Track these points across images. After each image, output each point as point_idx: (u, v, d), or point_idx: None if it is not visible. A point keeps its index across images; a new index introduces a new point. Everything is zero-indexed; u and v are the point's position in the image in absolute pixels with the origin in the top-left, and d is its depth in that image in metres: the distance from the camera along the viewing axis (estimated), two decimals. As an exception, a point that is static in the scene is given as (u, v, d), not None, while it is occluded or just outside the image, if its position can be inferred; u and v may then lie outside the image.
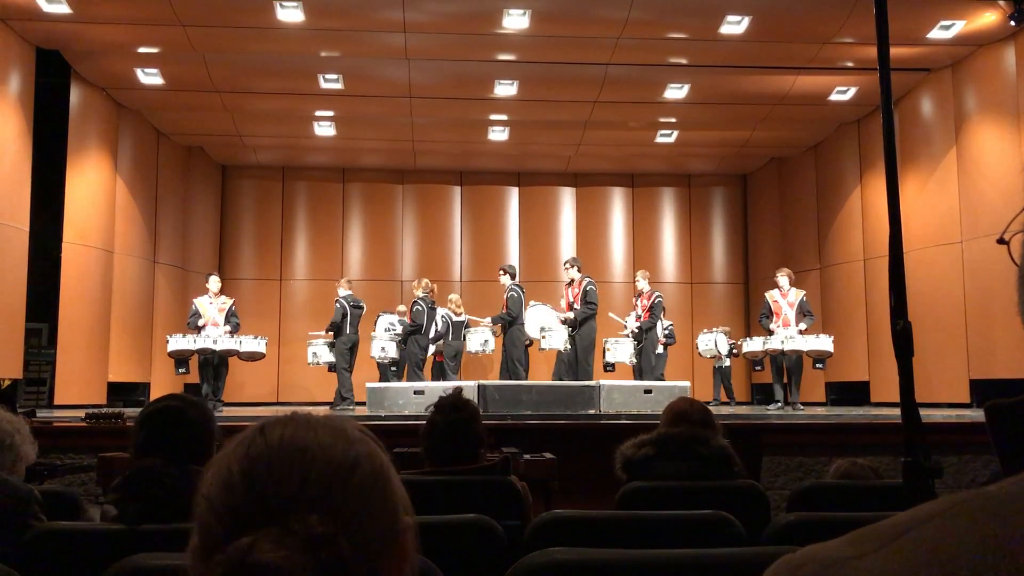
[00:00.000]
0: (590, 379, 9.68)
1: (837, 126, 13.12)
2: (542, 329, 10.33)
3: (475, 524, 2.07)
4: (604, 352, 10.60)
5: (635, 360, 10.49)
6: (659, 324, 11.14)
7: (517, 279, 10.63)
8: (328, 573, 0.68)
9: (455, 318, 11.26)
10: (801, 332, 10.01)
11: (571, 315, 10.08)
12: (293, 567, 0.67)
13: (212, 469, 0.75)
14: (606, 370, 10.72)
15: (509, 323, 10.29)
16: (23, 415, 2.93)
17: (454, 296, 11.74)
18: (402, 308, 12.03)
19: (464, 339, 10.94)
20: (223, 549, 0.69)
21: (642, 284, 10.98)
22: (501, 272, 10.62)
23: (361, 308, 10.82)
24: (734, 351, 12.66)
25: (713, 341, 12.88)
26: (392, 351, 10.92)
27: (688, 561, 1.47)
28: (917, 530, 0.50)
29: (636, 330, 10.67)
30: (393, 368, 11.11)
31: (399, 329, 10.96)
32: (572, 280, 10.31)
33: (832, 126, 13.16)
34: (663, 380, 10.29)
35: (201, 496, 0.74)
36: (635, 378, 10.32)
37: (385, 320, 11.30)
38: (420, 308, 10.64)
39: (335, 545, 0.69)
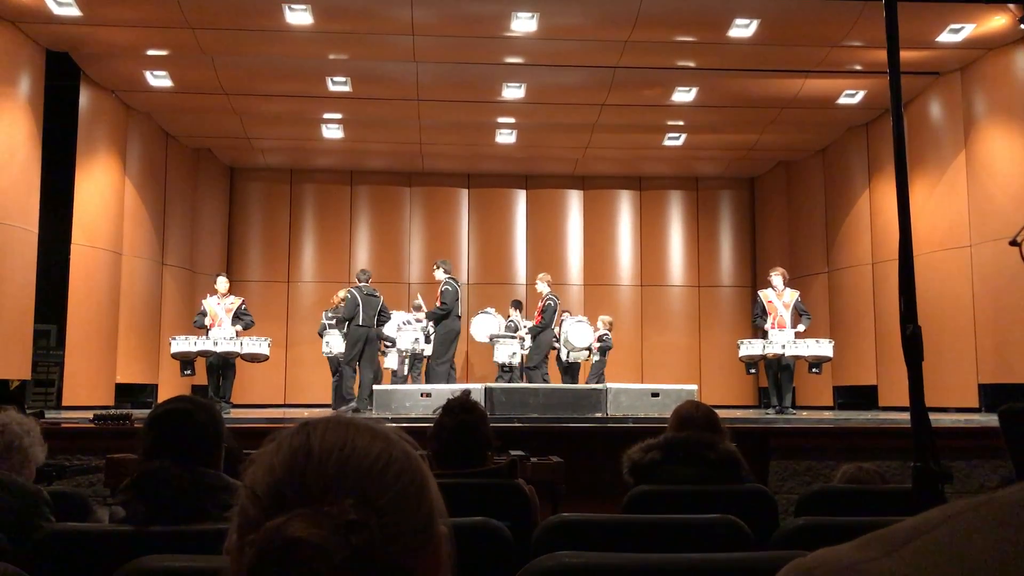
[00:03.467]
0: (443, 381, 9.90)
1: (845, 129, 13.09)
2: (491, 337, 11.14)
3: (482, 527, 2.07)
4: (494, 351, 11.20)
5: (514, 360, 10.98)
6: (580, 327, 11.39)
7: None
8: (358, 559, 0.69)
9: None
10: (799, 334, 9.99)
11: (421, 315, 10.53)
12: (324, 546, 0.68)
13: (255, 462, 0.77)
14: (503, 371, 11.17)
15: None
16: (32, 416, 2.94)
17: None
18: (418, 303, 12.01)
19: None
20: (258, 530, 0.70)
21: (540, 287, 11.25)
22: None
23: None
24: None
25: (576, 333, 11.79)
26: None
27: (698, 565, 1.47)
28: (930, 534, 0.50)
29: (524, 334, 11.18)
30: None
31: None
32: (439, 281, 10.59)
33: (840, 129, 13.13)
34: (601, 383, 10.36)
35: (242, 486, 0.76)
36: (520, 379, 10.76)
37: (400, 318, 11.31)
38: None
39: (367, 532, 0.70)
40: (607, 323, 12.06)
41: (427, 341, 10.78)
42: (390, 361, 11.20)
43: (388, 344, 10.99)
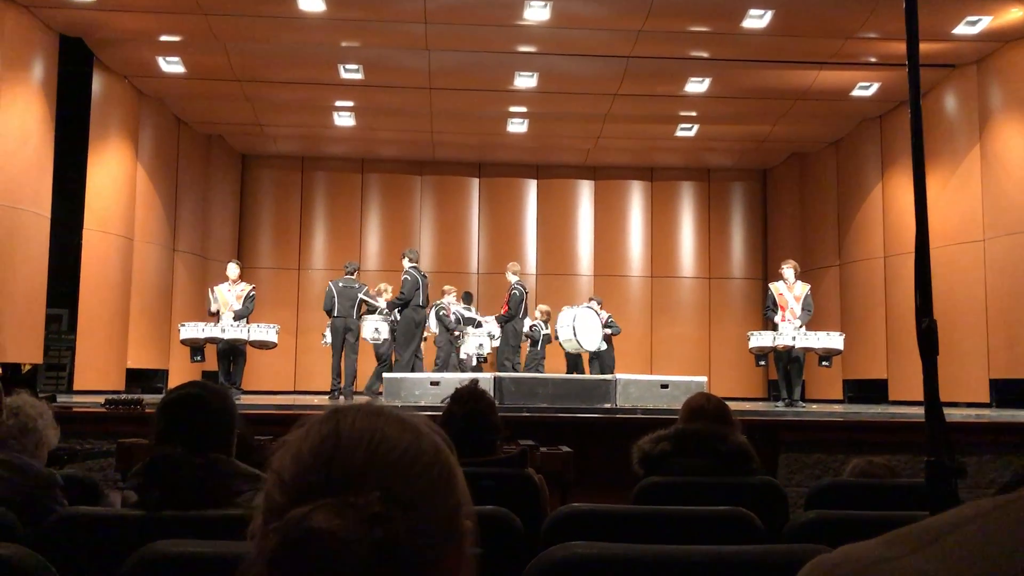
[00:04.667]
0: (407, 371, 9.91)
1: (859, 122, 13.01)
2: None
3: (492, 516, 2.07)
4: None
5: (482, 351, 11.13)
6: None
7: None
8: (381, 552, 0.69)
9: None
10: (802, 326, 9.94)
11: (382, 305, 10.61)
12: (347, 537, 0.68)
13: (283, 448, 0.77)
14: (475, 364, 11.28)
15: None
16: (44, 400, 2.95)
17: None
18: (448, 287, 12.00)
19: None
20: (282, 517, 0.70)
21: (508, 276, 11.27)
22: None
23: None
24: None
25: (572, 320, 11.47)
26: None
27: (709, 557, 1.47)
28: (958, 532, 0.49)
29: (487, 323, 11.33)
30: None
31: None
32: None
33: (854, 122, 13.05)
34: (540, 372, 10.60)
35: (270, 471, 0.76)
36: (497, 370, 10.71)
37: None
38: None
39: (392, 525, 0.70)
40: (544, 312, 12.02)
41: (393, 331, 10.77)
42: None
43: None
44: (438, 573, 0.73)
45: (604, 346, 11.62)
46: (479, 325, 11.53)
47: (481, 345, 11.24)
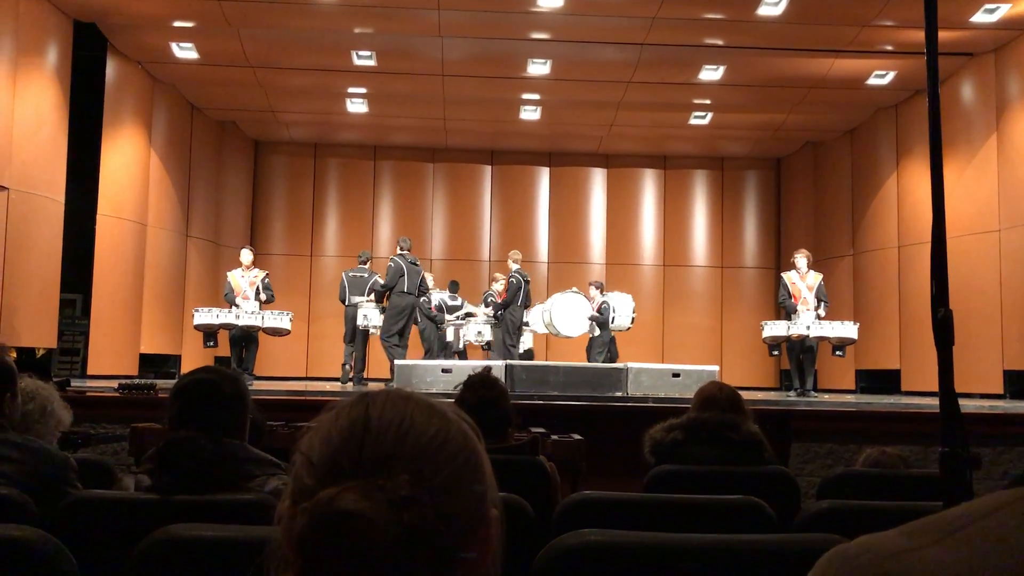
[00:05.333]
0: (390, 357, 9.95)
1: (874, 111, 12.92)
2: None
3: (504, 503, 2.07)
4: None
5: (481, 339, 11.24)
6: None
7: (405, 250, 10.57)
8: (409, 535, 0.69)
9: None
10: (819, 318, 9.90)
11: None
12: (376, 519, 0.68)
13: (312, 430, 0.78)
14: (461, 347, 11.44)
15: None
16: (56, 384, 2.97)
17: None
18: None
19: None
20: (311, 499, 0.71)
21: (509, 264, 11.29)
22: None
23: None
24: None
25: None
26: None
27: (721, 546, 1.46)
28: (979, 523, 0.48)
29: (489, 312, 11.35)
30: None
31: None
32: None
33: (869, 111, 12.96)
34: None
35: (298, 452, 0.76)
36: (491, 356, 10.88)
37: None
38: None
39: (420, 509, 0.70)
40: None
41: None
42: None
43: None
44: (464, 558, 0.74)
45: (596, 332, 11.39)
46: (467, 315, 11.54)
47: (480, 332, 11.30)
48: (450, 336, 11.51)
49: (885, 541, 0.51)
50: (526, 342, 11.87)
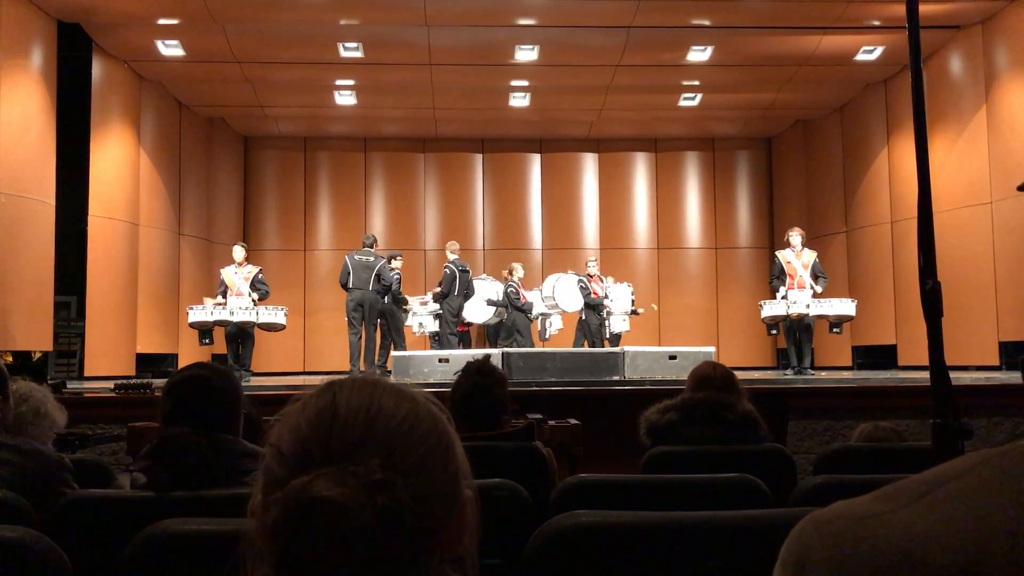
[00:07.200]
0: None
1: (863, 87, 12.91)
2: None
3: (501, 488, 2.08)
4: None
5: (423, 330, 11.39)
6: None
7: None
8: (383, 518, 0.69)
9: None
10: (816, 295, 9.91)
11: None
12: (350, 504, 0.68)
13: (280, 421, 0.78)
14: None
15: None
16: (51, 387, 2.97)
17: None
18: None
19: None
20: (283, 488, 0.71)
21: (447, 254, 11.32)
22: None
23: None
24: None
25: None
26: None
27: (715, 522, 1.47)
28: (949, 485, 0.49)
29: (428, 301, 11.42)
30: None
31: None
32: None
33: (858, 87, 12.95)
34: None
35: (268, 445, 0.77)
36: (442, 347, 10.85)
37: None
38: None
39: (393, 492, 0.70)
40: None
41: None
42: None
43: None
44: (440, 539, 0.74)
45: (583, 315, 11.47)
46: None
47: (422, 324, 11.36)
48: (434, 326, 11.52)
49: (858, 506, 0.52)
50: (618, 325, 11.73)
